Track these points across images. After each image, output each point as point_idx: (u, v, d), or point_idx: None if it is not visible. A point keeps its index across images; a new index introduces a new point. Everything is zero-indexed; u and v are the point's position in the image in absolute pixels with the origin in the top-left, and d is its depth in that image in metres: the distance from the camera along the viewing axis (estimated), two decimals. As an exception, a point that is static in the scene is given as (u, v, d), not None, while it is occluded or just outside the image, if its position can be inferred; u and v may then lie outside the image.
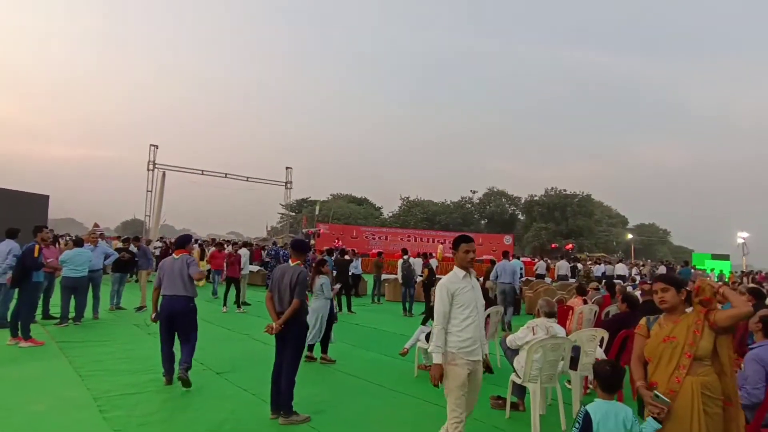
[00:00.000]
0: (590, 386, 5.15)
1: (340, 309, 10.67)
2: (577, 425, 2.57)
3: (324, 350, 6.33)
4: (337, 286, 8.38)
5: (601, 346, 4.77)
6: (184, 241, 5.46)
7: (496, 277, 10.31)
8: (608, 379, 2.68)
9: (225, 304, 10.46)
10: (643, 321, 2.93)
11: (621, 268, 19.07)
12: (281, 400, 4.14)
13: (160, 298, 5.05)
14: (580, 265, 20.43)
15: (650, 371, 2.74)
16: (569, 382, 4.81)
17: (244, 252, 11.83)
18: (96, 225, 16.26)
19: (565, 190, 54.51)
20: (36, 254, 6.69)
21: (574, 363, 4.58)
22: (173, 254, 5.24)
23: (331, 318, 6.43)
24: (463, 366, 3.16)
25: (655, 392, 2.54)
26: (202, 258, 14.17)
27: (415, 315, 10.98)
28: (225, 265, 13.14)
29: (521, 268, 14.14)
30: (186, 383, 4.85)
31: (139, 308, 9.57)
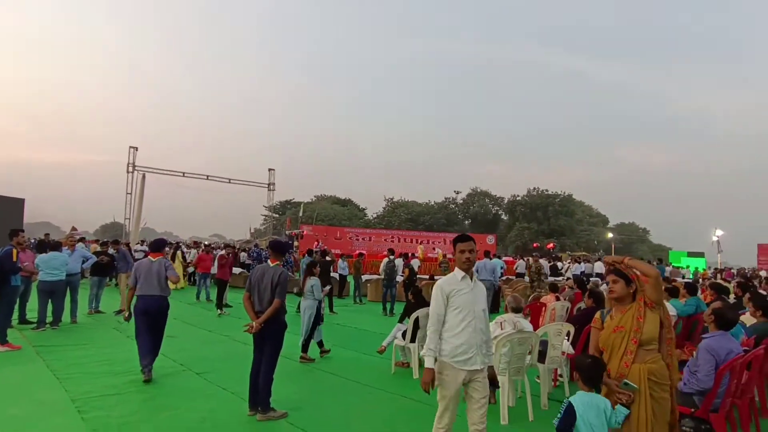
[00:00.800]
0: (560, 379, 5.36)
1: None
2: (560, 414, 2.68)
3: (304, 349, 6.43)
4: (327, 287, 8.50)
5: (568, 339, 4.98)
6: (159, 245, 5.75)
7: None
8: (589, 371, 2.77)
9: (219, 307, 10.49)
10: (597, 314, 3.12)
11: (599, 267, 19.48)
12: (259, 398, 4.24)
13: (135, 298, 5.27)
14: (560, 264, 20.83)
15: (605, 360, 2.93)
16: (539, 377, 5.01)
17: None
18: (74, 228, 16.01)
19: (547, 191, 55.39)
20: (14, 258, 6.67)
21: (542, 357, 4.78)
22: (149, 257, 5.51)
23: (318, 319, 6.55)
24: (454, 376, 2.97)
25: (625, 380, 2.71)
26: (173, 260, 14.03)
27: (396, 314, 11.12)
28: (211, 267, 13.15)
29: (502, 267, 14.49)
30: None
31: (119, 311, 9.51)
